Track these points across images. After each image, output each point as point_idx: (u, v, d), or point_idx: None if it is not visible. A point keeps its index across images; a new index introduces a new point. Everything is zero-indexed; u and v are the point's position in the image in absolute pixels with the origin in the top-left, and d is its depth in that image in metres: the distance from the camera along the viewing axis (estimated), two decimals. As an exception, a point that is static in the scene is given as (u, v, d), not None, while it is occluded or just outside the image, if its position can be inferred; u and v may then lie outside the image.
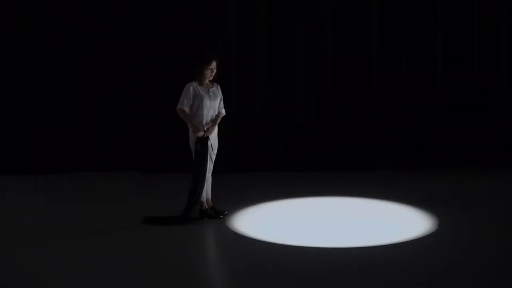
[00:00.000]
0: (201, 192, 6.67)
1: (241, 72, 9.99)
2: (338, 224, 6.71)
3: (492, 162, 9.87)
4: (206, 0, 9.96)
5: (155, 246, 5.87)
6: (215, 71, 6.70)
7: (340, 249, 5.65)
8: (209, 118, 6.69)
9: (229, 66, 9.74)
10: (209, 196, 6.90)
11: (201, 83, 6.71)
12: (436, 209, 7.03)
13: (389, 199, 7.71)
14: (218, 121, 6.77)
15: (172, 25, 9.95)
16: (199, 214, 6.80)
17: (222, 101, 6.85)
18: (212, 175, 6.83)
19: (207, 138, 6.62)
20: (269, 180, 9.31)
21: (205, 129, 6.64)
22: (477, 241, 5.87)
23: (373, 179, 9.30)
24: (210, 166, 6.72)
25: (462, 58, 10.12)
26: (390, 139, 10.02)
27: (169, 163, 9.87)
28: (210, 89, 6.75)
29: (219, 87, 6.87)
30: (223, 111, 6.85)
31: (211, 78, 6.74)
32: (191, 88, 6.64)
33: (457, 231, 6.24)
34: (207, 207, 6.83)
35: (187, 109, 6.62)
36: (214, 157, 6.79)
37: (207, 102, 6.64)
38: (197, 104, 6.62)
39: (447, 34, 10.08)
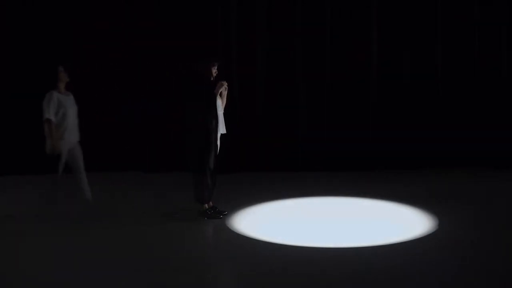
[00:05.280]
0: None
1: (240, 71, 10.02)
2: (338, 224, 6.71)
3: (492, 162, 9.89)
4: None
5: (155, 245, 5.88)
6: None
7: (340, 249, 5.65)
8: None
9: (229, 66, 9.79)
10: (209, 196, 6.91)
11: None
12: (436, 209, 7.03)
13: (389, 199, 7.71)
14: None
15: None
16: (199, 214, 6.81)
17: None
18: (214, 176, 6.84)
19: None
20: (269, 180, 9.31)
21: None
22: (477, 241, 5.87)
23: (373, 179, 9.30)
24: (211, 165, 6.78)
25: (462, 58, 10.14)
26: (389, 139, 10.02)
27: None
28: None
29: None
30: None
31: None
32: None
33: (457, 231, 6.24)
34: (207, 207, 6.83)
35: None
36: (214, 158, 6.80)
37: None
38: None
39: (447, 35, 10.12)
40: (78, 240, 6.05)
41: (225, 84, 6.78)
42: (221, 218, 6.79)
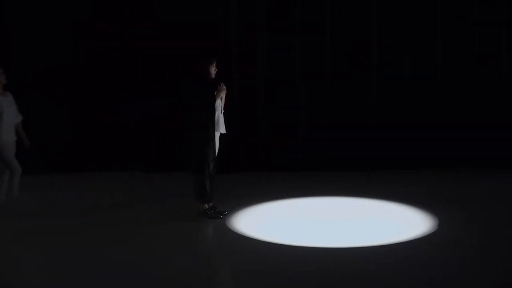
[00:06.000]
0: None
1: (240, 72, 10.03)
2: (338, 224, 6.71)
3: (492, 162, 9.89)
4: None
5: (155, 245, 5.88)
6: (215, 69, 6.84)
7: (340, 249, 5.66)
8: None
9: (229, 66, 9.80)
10: (209, 196, 6.92)
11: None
12: (436, 209, 7.03)
13: (389, 199, 7.71)
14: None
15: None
16: (199, 214, 6.81)
17: None
18: (213, 175, 6.85)
19: None
20: (269, 180, 9.31)
21: None
22: (477, 241, 5.87)
23: (373, 179, 9.30)
24: (211, 166, 6.78)
25: (462, 58, 10.14)
26: (389, 139, 10.01)
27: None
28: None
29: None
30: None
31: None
32: None
33: (457, 231, 6.24)
34: (207, 207, 6.83)
35: None
36: (213, 158, 6.82)
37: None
38: None
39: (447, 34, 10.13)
40: (77, 240, 6.06)
41: (225, 90, 6.80)
42: (221, 218, 6.79)
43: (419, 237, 5.98)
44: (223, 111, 6.91)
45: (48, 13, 10.00)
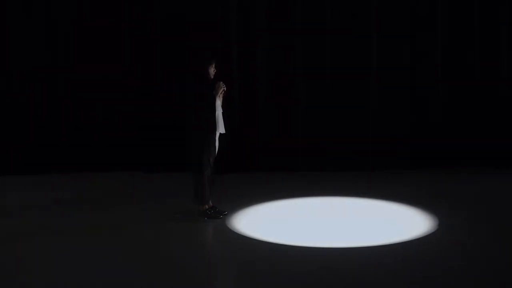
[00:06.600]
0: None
1: (241, 71, 10.03)
2: (338, 224, 6.72)
3: (492, 162, 9.89)
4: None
5: (155, 245, 5.88)
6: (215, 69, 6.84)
7: (340, 249, 5.65)
8: None
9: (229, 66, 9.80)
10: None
11: None
12: (436, 209, 7.03)
13: (389, 199, 7.71)
14: None
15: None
16: (199, 214, 6.81)
17: None
18: (211, 175, 6.85)
19: None
20: (269, 180, 9.31)
21: None
22: (477, 241, 5.87)
23: (373, 179, 9.30)
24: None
25: (462, 58, 10.14)
26: (389, 139, 10.01)
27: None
28: None
29: None
30: None
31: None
32: None
33: (457, 231, 6.24)
34: (207, 207, 6.83)
35: None
36: (213, 158, 6.82)
37: None
38: None
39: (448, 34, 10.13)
40: (77, 241, 6.05)
41: (224, 87, 6.79)
42: (221, 218, 6.79)
43: (419, 237, 5.98)
44: (222, 110, 6.90)
45: (48, 12, 10.01)
